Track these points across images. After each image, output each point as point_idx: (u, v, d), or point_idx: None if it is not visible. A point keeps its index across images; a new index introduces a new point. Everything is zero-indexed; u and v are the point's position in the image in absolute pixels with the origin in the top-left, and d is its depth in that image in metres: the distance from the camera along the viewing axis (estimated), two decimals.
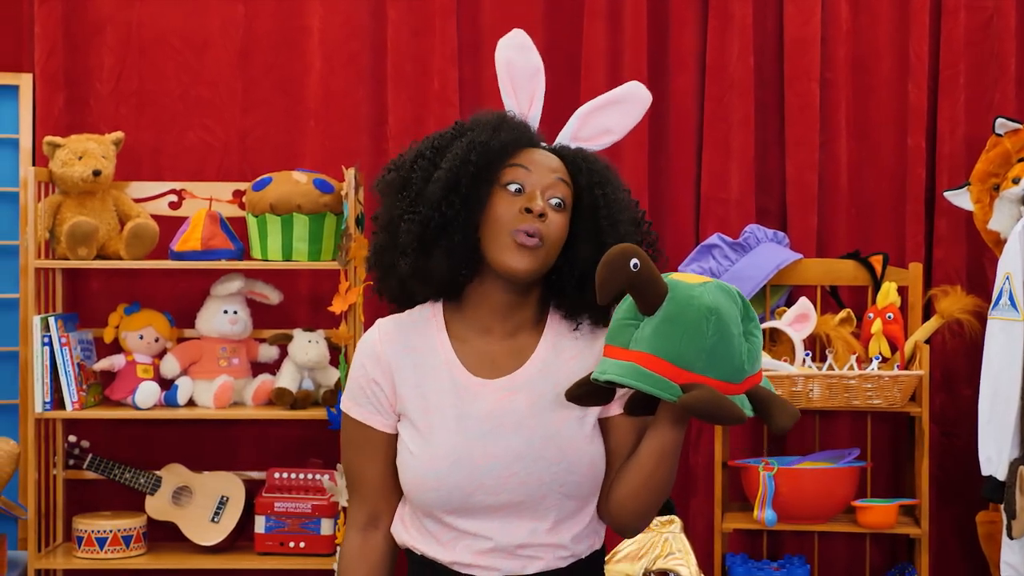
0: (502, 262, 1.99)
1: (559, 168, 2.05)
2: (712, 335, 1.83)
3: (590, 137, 2.14)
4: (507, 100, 2.13)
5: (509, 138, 2.03)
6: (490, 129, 2.03)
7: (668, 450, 1.94)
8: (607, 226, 2.03)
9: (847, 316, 4.02)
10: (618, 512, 2.03)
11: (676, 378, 1.83)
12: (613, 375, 1.85)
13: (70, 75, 4.27)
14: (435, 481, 1.99)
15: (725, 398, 1.82)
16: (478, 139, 2.02)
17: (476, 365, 2.05)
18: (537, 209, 1.98)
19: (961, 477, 4.15)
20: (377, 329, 2.10)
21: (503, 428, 2.00)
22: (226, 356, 4.11)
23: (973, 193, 3.96)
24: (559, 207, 2.02)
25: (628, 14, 4.21)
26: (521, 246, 1.98)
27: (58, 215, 4.01)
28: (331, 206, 4.01)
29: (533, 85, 2.13)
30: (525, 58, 2.13)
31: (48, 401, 3.96)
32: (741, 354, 1.86)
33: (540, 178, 2.02)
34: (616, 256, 1.82)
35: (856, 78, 4.26)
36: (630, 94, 2.16)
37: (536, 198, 2.00)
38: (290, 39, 4.31)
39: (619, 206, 2.05)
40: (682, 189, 4.28)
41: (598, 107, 2.15)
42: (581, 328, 2.07)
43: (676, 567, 3.64)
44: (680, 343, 1.82)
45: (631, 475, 1.98)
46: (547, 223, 1.99)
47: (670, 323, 1.83)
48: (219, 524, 4.12)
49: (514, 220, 1.99)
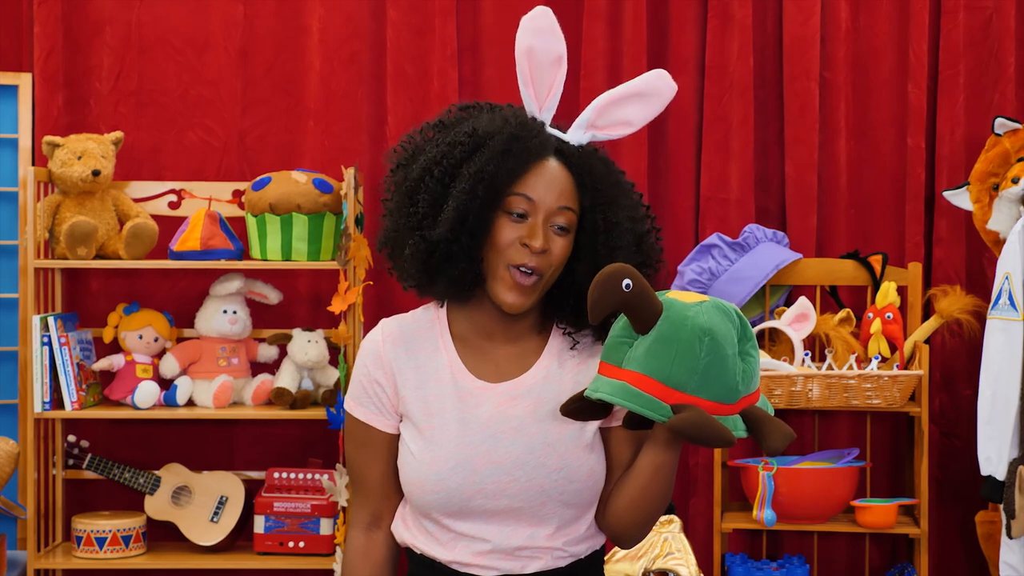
0: (496, 294, 1.99)
1: (565, 192, 2.00)
2: (705, 356, 1.82)
3: (606, 127, 2.07)
4: (524, 89, 2.05)
5: (518, 163, 1.98)
6: (500, 154, 1.97)
7: (662, 466, 1.94)
8: (604, 252, 2.00)
9: (846, 316, 4.02)
10: (615, 523, 2.03)
11: (667, 398, 1.83)
12: (604, 394, 1.85)
13: (69, 75, 4.27)
14: (435, 484, 1.99)
15: (713, 420, 1.81)
16: (488, 169, 1.96)
17: (479, 368, 2.05)
18: (537, 248, 1.96)
19: (960, 477, 4.15)
20: (380, 330, 2.10)
21: (504, 434, 2.00)
22: (225, 356, 4.11)
23: (972, 193, 3.96)
24: (562, 232, 2.00)
25: (628, 14, 4.21)
26: (516, 285, 1.98)
27: (57, 215, 4.00)
28: (330, 206, 4.01)
29: (553, 74, 2.06)
30: (547, 45, 2.04)
31: (47, 401, 3.96)
32: (735, 374, 1.85)
33: (545, 205, 1.98)
34: (608, 276, 1.81)
35: (856, 78, 4.25)
36: (654, 89, 2.09)
37: (537, 234, 1.97)
38: (290, 39, 4.31)
39: (619, 231, 2.01)
40: (682, 189, 4.28)
41: (619, 98, 2.07)
42: (580, 346, 2.06)
43: (675, 567, 3.64)
44: (672, 364, 1.82)
45: (628, 488, 1.99)
46: (547, 255, 1.98)
47: (663, 343, 1.83)
48: (218, 524, 4.11)
49: (514, 253, 1.97)
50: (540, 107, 2.06)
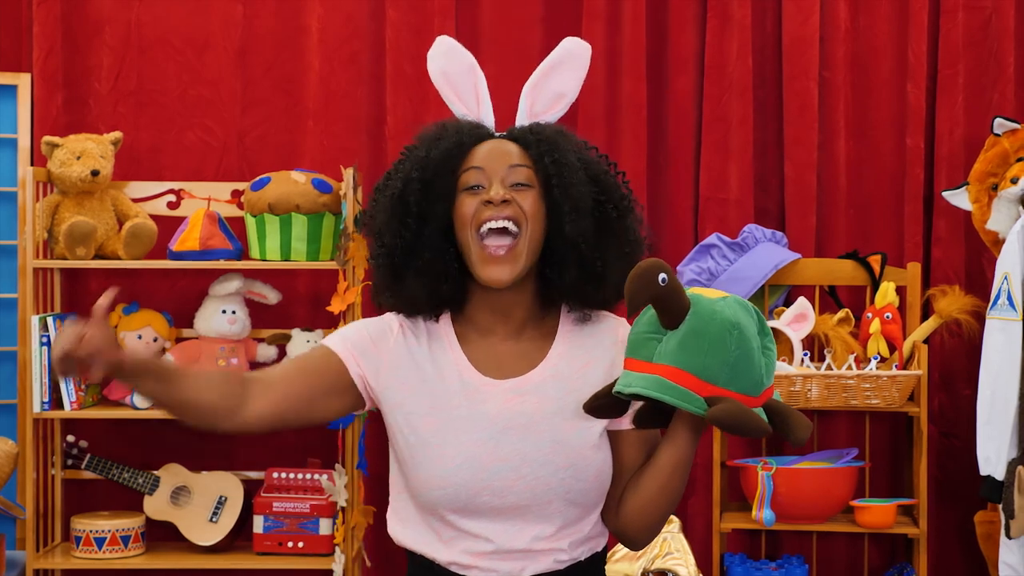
0: (479, 274, 2.00)
1: (514, 151, 2.03)
2: (735, 349, 1.86)
3: (546, 108, 2.12)
4: (454, 108, 2.11)
5: (452, 143, 2.02)
6: (430, 140, 2.03)
7: (680, 463, 1.96)
8: (560, 192, 2.01)
9: (845, 316, 4.02)
10: (630, 524, 2.04)
11: (700, 391, 1.86)
12: (639, 388, 1.88)
13: (68, 75, 4.27)
14: (442, 480, 1.98)
15: (750, 411, 1.86)
16: (418, 154, 2.02)
17: (484, 365, 2.05)
18: (497, 197, 1.98)
19: (959, 477, 4.15)
20: (397, 317, 2.09)
21: (512, 430, 2.00)
22: (225, 356, 4.11)
23: (971, 193, 3.96)
24: (524, 187, 2.01)
25: (627, 15, 4.20)
26: (492, 256, 1.98)
27: (56, 215, 4.00)
28: (330, 206, 4.01)
29: (472, 82, 2.11)
30: (456, 60, 2.11)
31: (46, 401, 3.96)
32: (760, 368, 1.90)
33: (495, 169, 2.01)
34: (645, 271, 1.84)
35: (855, 78, 4.25)
36: (568, 53, 2.13)
37: (494, 187, 1.99)
38: (289, 39, 4.31)
39: (570, 168, 2.02)
40: (681, 189, 4.28)
41: (542, 76, 2.12)
42: (588, 344, 2.06)
43: (674, 567, 3.64)
44: (705, 357, 1.85)
45: (645, 487, 2.00)
46: (514, 205, 1.99)
47: (695, 337, 1.86)
48: (217, 524, 4.11)
49: (478, 216, 1.99)
50: (477, 116, 2.10)
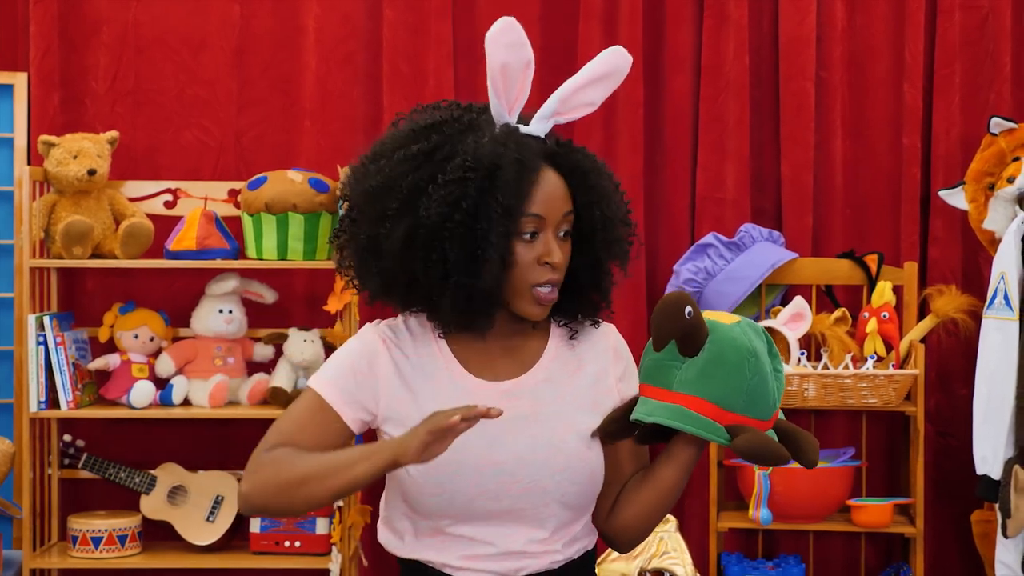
0: (520, 309, 2.00)
1: (565, 198, 2.00)
2: (752, 376, 1.89)
3: (569, 111, 2.08)
4: (497, 100, 2.04)
5: (527, 187, 1.95)
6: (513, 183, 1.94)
7: (680, 481, 2.01)
8: (602, 244, 2.03)
9: (842, 315, 4.02)
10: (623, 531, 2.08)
11: (719, 419, 1.89)
12: (663, 419, 1.90)
13: (65, 74, 4.26)
14: (437, 487, 1.97)
15: (771, 440, 1.88)
16: (507, 203, 1.94)
17: (477, 368, 2.04)
18: (557, 263, 1.97)
19: (956, 476, 4.15)
20: (377, 332, 2.06)
21: (506, 434, 1.98)
22: (221, 355, 4.11)
23: (968, 192, 3.96)
24: (566, 236, 2.01)
25: (623, 14, 4.20)
26: (542, 301, 1.99)
27: (53, 214, 4.00)
28: (326, 205, 4.01)
29: (524, 80, 2.06)
30: (519, 57, 2.04)
31: (43, 400, 3.96)
32: (773, 393, 1.92)
33: (552, 219, 1.98)
34: (671, 305, 1.87)
35: (851, 77, 4.26)
36: (615, 67, 2.08)
37: (553, 250, 1.97)
38: (286, 39, 4.31)
39: (613, 222, 2.03)
40: (678, 189, 4.28)
41: (583, 84, 2.07)
42: (579, 349, 2.08)
43: (671, 566, 3.64)
44: (724, 385, 1.88)
45: (643, 499, 2.03)
46: (561, 263, 1.99)
47: (714, 365, 1.88)
48: (214, 523, 4.11)
49: (535, 274, 1.97)
50: (510, 111, 2.04)
